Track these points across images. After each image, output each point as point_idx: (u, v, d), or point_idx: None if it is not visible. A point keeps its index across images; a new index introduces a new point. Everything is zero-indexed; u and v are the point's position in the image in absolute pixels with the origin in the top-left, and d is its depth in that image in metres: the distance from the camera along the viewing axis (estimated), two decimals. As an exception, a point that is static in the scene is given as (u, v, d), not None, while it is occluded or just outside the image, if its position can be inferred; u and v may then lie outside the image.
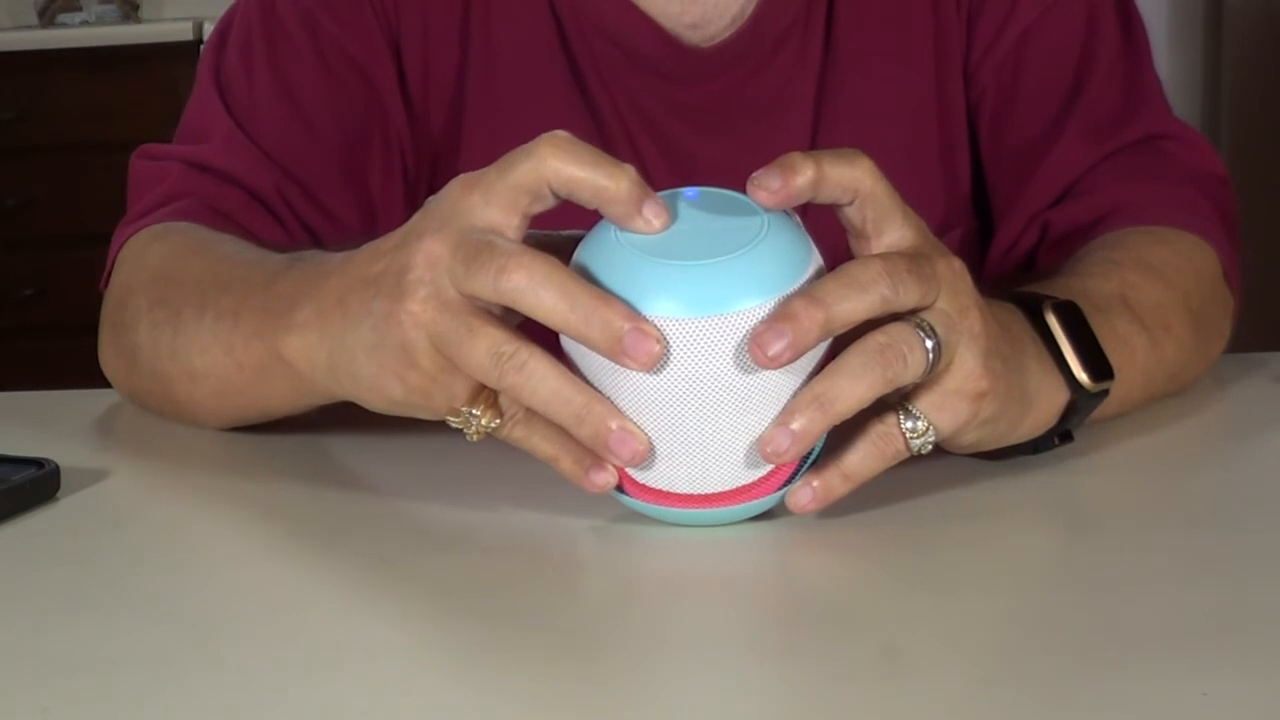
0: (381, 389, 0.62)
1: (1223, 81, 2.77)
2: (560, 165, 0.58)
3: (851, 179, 0.59)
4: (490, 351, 0.58)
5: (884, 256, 0.58)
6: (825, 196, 0.59)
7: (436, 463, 0.71)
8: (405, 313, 0.59)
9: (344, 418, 0.68)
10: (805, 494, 0.60)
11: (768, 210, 0.59)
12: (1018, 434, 0.66)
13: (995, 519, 0.63)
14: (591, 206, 0.59)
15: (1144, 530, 0.63)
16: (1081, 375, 0.67)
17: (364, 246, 0.64)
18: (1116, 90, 0.92)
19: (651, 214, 0.58)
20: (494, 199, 0.59)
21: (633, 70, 0.91)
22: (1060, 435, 0.69)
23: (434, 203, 0.61)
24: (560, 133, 0.59)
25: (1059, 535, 0.62)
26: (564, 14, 0.92)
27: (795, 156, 0.58)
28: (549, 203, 0.59)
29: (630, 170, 0.58)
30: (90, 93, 2.91)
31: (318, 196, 0.90)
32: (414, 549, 0.62)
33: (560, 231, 0.62)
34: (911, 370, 0.58)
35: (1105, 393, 0.68)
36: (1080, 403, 0.67)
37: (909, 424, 0.60)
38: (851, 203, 0.60)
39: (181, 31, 2.90)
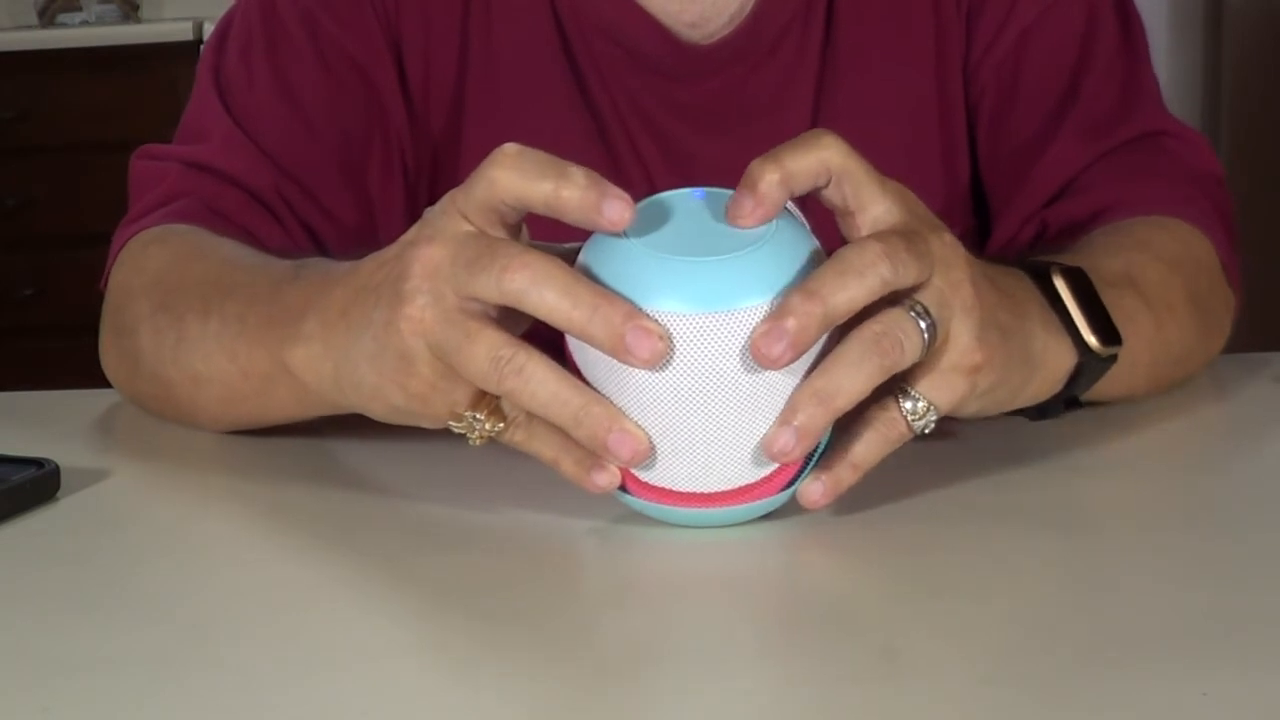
0: (383, 397, 0.62)
1: (1223, 81, 2.77)
2: (508, 183, 0.58)
3: (817, 162, 0.59)
4: (489, 356, 0.58)
5: (880, 237, 0.58)
6: (799, 188, 0.59)
7: (437, 463, 0.71)
8: (404, 320, 0.59)
9: (344, 418, 0.68)
10: (816, 488, 0.60)
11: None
12: (1023, 398, 0.66)
13: (995, 519, 0.63)
14: (550, 216, 0.58)
15: (1144, 530, 0.63)
16: (1090, 338, 0.67)
17: (367, 257, 0.64)
18: (1114, 89, 0.92)
19: (613, 213, 0.57)
20: (469, 215, 0.59)
21: (633, 69, 0.91)
22: (1067, 402, 0.69)
23: (429, 213, 0.61)
24: (510, 147, 0.59)
25: (1059, 535, 0.62)
26: (564, 14, 0.92)
27: (755, 165, 0.58)
28: (519, 214, 0.60)
29: (580, 175, 0.57)
30: (90, 93, 2.91)
31: (317, 196, 0.90)
32: (414, 549, 0.62)
33: (564, 244, 0.62)
34: (909, 356, 0.58)
35: (1114, 358, 0.68)
36: (1088, 366, 0.67)
37: (908, 405, 0.60)
38: (827, 184, 0.59)
39: (181, 31, 2.90)
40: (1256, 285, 0.98)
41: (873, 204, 0.60)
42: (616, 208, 0.57)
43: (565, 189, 0.57)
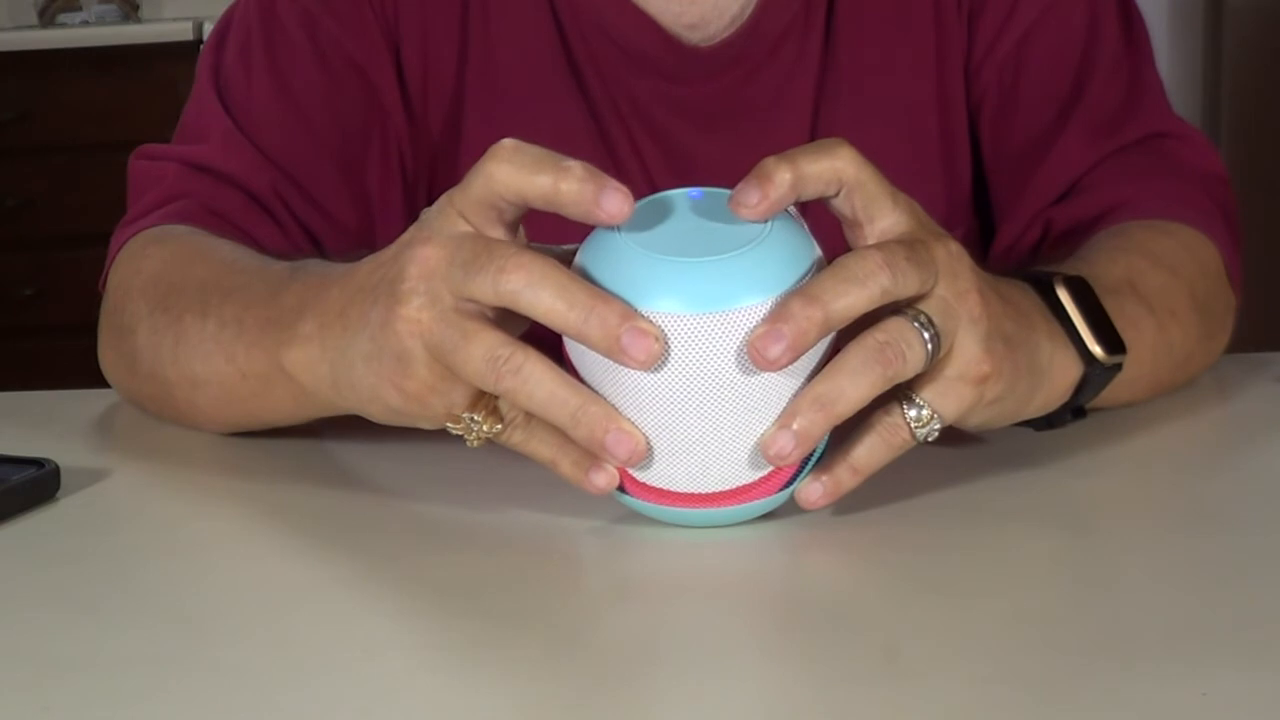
0: (381, 399, 0.62)
1: (1223, 81, 2.77)
2: (506, 178, 0.58)
3: (831, 170, 0.59)
4: (486, 356, 0.58)
5: (881, 247, 0.58)
6: (809, 193, 0.59)
7: (437, 462, 0.71)
8: (400, 320, 0.59)
9: (344, 419, 0.68)
10: (815, 489, 0.60)
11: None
12: (1029, 410, 0.66)
13: (996, 519, 0.63)
14: (548, 210, 0.58)
15: (1144, 530, 0.63)
16: (1095, 348, 0.67)
17: (365, 258, 0.64)
18: (1118, 89, 0.92)
19: (611, 206, 0.57)
20: (467, 214, 0.59)
21: (632, 70, 0.91)
22: (1074, 411, 0.69)
23: (426, 214, 0.61)
24: (507, 142, 0.59)
25: (1059, 535, 0.62)
26: (564, 14, 0.92)
27: (769, 163, 0.58)
28: (517, 211, 0.59)
29: (578, 169, 0.57)
30: (90, 93, 2.91)
31: (316, 197, 0.90)
32: (414, 548, 0.62)
33: (562, 245, 0.62)
34: (911, 366, 0.58)
35: (1118, 366, 0.68)
36: (1093, 376, 0.67)
37: (912, 413, 0.60)
38: (838, 193, 0.59)
39: (181, 31, 2.90)
40: (1257, 285, 0.98)
41: (882, 217, 0.60)
42: (615, 200, 0.57)
43: (563, 182, 0.57)
